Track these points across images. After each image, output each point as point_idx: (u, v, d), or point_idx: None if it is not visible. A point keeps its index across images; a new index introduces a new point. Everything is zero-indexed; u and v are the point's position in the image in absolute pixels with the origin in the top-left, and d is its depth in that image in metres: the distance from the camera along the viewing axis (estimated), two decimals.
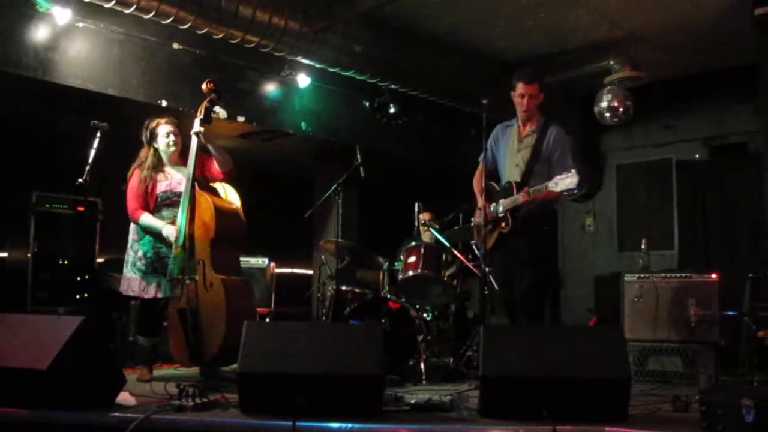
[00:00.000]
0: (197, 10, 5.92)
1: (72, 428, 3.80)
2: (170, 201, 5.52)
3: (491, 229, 5.35)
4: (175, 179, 5.57)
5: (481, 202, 5.43)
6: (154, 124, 5.58)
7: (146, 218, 5.46)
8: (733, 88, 8.37)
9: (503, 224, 5.25)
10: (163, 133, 5.56)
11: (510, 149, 5.48)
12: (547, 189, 4.99)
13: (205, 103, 5.40)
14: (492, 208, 5.31)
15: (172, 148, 5.58)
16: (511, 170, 5.42)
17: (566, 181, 4.86)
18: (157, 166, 5.57)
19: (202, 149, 5.39)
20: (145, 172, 5.52)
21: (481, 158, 5.59)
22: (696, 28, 7.26)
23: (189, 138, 5.41)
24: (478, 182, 5.60)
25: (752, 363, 5.58)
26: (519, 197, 5.14)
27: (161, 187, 5.54)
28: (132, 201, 5.50)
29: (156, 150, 5.58)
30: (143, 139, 5.58)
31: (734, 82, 8.17)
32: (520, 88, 5.39)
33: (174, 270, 5.23)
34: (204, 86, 5.43)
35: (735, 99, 8.47)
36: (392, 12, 6.95)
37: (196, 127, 5.36)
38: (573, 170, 4.87)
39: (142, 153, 5.60)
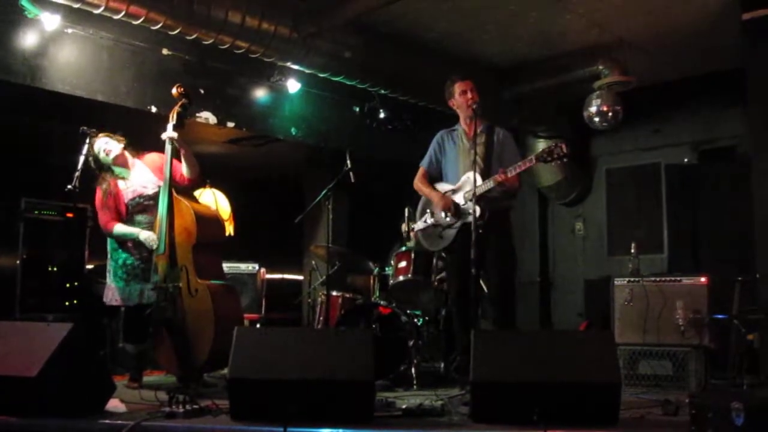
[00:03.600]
0: (186, 15, 5.92)
1: None
2: (142, 206, 5.50)
3: (449, 225, 5.39)
4: (137, 183, 5.54)
5: (436, 194, 5.47)
6: (92, 148, 5.44)
7: (120, 228, 5.44)
8: (721, 93, 8.40)
9: (476, 213, 5.08)
10: (99, 148, 5.46)
11: (461, 149, 5.52)
12: (522, 163, 5.11)
13: (176, 108, 5.36)
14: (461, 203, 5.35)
15: (110, 157, 5.46)
16: (467, 166, 5.39)
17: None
18: (113, 177, 5.52)
19: (174, 154, 5.36)
20: (104, 186, 5.48)
21: (424, 163, 5.69)
22: (684, 32, 7.29)
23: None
24: (423, 183, 5.66)
25: (742, 366, 5.59)
26: (494, 178, 5.13)
27: (128, 195, 5.51)
28: (102, 214, 5.47)
29: (107, 167, 5.51)
30: (93, 166, 5.47)
31: (723, 86, 8.20)
32: (460, 86, 5.48)
33: (157, 278, 5.21)
34: (174, 91, 5.41)
35: (724, 103, 8.51)
36: (381, 18, 6.96)
37: (169, 132, 5.30)
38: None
39: (100, 176, 5.53)
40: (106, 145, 5.47)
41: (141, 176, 5.57)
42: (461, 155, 5.49)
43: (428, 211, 5.56)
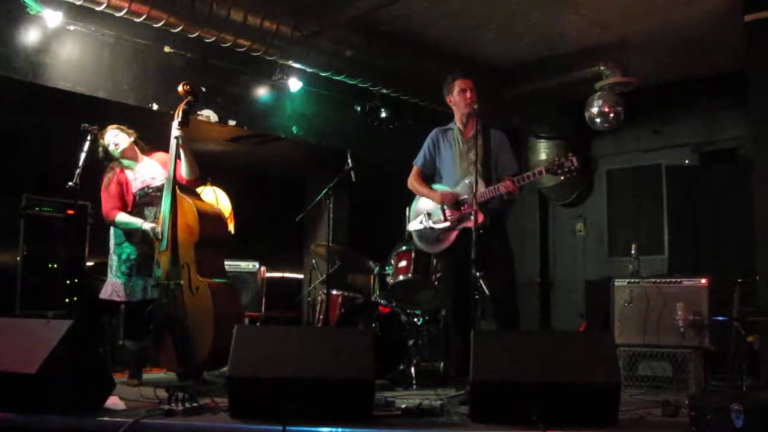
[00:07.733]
0: (188, 13, 5.92)
1: None
2: (149, 198, 5.51)
3: (449, 228, 5.35)
4: (146, 174, 5.58)
5: (437, 194, 5.40)
6: (101, 138, 5.51)
7: (122, 216, 5.44)
8: (723, 94, 8.40)
9: (480, 218, 5.02)
10: (108, 140, 5.52)
11: (458, 150, 5.47)
12: (532, 173, 5.06)
13: (182, 106, 5.37)
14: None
15: (119, 150, 5.52)
16: (464, 170, 5.35)
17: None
18: (121, 167, 5.56)
19: (178, 153, 5.36)
20: (110, 173, 5.52)
21: (418, 163, 5.62)
22: (687, 34, 7.29)
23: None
24: (420, 183, 5.59)
25: (741, 368, 5.59)
26: (503, 186, 5.08)
27: (136, 185, 5.54)
28: (107, 202, 5.48)
29: (115, 158, 5.57)
30: (101, 155, 5.54)
31: (724, 88, 8.20)
32: (460, 84, 5.45)
33: (159, 275, 5.21)
34: (180, 88, 5.41)
35: (725, 105, 8.50)
36: (383, 17, 6.96)
37: (175, 130, 5.32)
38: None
39: (108, 165, 5.59)
40: (115, 138, 5.52)
41: (149, 169, 5.60)
42: (458, 157, 5.44)
43: (425, 212, 5.52)
